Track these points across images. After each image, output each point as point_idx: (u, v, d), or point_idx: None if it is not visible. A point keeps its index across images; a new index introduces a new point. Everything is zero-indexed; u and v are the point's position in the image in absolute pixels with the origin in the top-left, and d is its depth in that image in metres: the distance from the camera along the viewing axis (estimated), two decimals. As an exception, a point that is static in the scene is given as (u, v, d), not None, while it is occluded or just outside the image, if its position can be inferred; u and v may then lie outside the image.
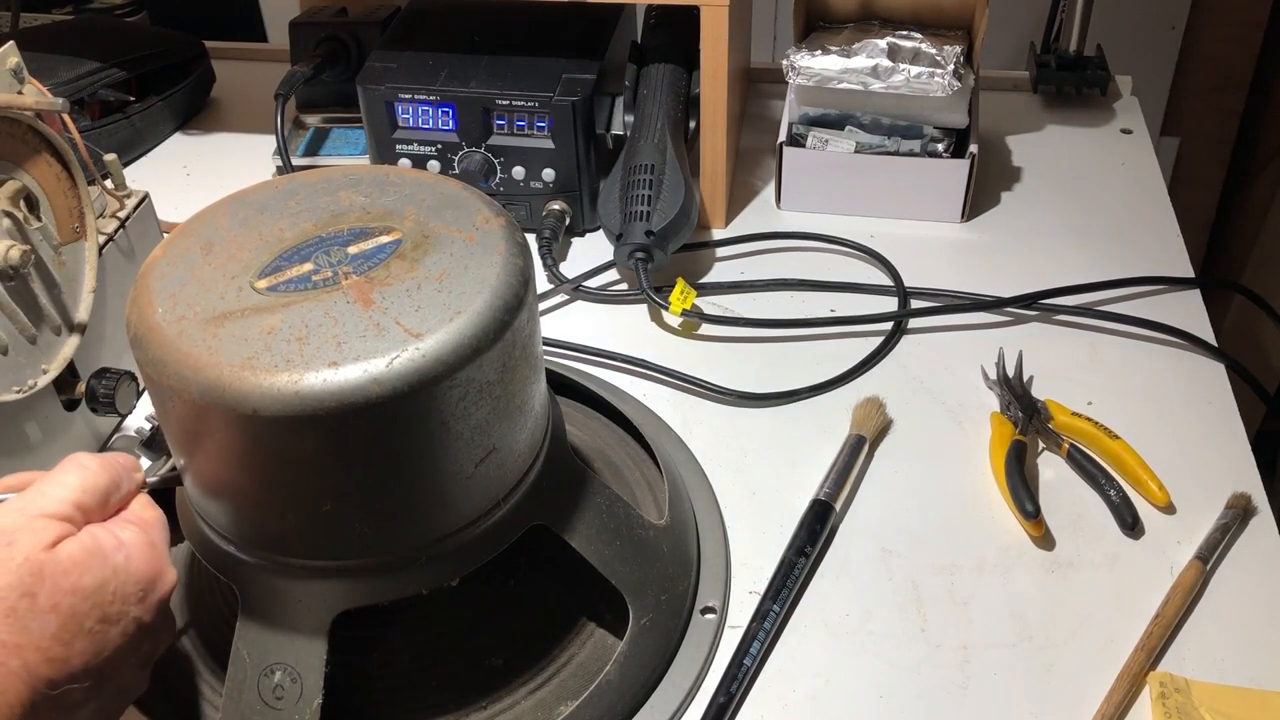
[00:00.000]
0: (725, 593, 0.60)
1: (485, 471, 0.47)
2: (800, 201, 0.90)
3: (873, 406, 0.70)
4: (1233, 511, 0.62)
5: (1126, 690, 0.54)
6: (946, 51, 0.85)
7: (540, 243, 0.84)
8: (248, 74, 1.12)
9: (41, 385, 0.62)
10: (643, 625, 0.54)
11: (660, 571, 0.56)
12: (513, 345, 0.46)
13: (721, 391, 0.73)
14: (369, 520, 0.46)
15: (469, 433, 0.46)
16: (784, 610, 0.59)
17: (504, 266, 0.47)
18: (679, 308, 0.77)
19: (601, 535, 0.54)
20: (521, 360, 0.47)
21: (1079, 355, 0.75)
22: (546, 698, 0.54)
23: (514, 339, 0.46)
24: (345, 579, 0.48)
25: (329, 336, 0.43)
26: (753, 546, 0.63)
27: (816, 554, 0.62)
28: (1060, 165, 0.95)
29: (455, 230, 0.49)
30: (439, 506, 0.47)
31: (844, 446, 0.67)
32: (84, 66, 0.96)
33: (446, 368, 0.43)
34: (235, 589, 0.50)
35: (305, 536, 0.47)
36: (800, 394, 0.73)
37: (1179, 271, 0.82)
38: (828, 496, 0.64)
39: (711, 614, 0.58)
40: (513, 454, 0.49)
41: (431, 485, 0.46)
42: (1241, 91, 1.53)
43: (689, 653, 0.57)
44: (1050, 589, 0.60)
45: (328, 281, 0.46)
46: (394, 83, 0.85)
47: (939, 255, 0.84)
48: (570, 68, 0.85)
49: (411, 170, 0.53)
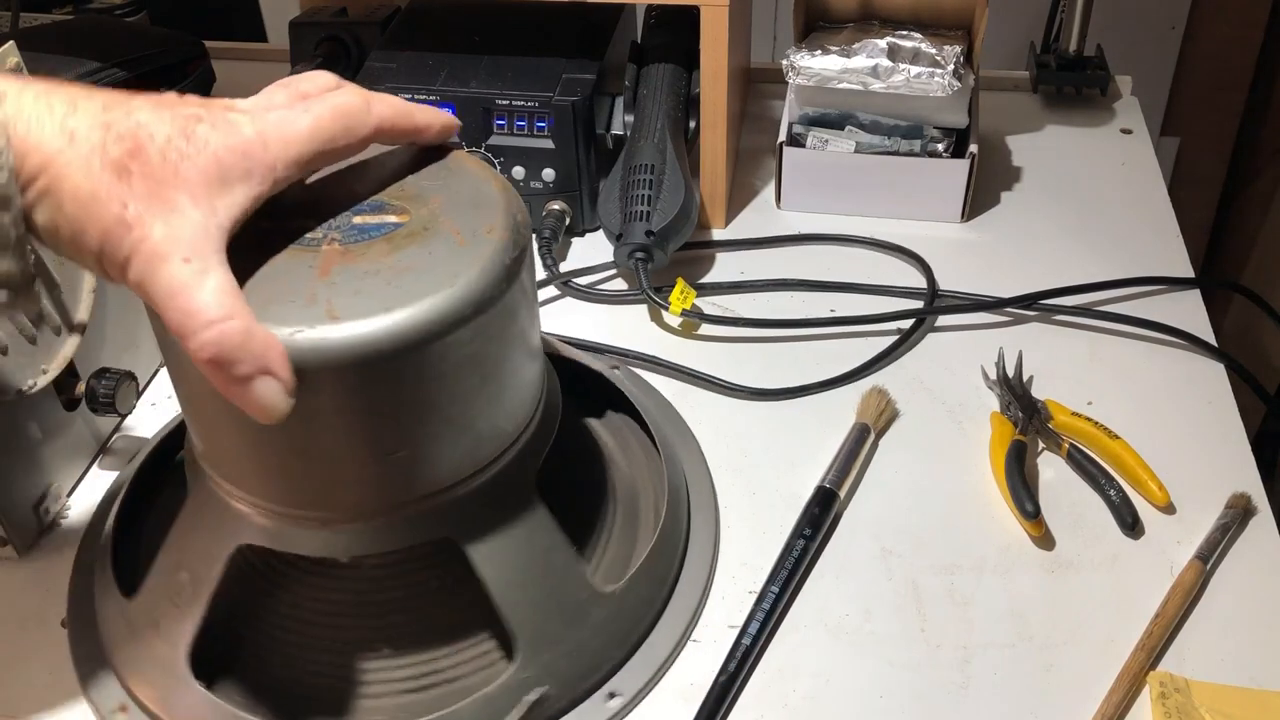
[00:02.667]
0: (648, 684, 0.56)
1: (392, 469, 0.48)
2: (800, 201, 0.90)
3: (879, 397, 0.70)
4: (1233, 511, 0.62)
5: (1126, 690, 0.54)
6: (946, 51, 0.85)
7: (540, 243, 0.84)
8: (248, 74, 1.11)
9: (41, 385, 0.62)
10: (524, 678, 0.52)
11: (575, 641, 0.54)
12: (435, 359, 0.45)
13: (727, 386, 0.73)
14: (278, 476, 0.49)
15: (367, 428, 0.46)
16: (783, 592, 0.59)
17: (471, 277, 0.46)
18: (679, 308, 0.77)
19: (519, 579, 0.53)
20: (446, 379, 0.46)
21: (1079, 355, 0.75)
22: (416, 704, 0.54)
23: (441, 353, 0.45)
24: (259, 517, 0.50)
25: (265, 293, 0.44)
26: (752, 546, 0.63)
27: (819, 541, 0.62)
28: (1060, 165, 0.95)
29: (455, 230, 0.48)
30: (340, 486, 0.49)
31: (849, 434, 0.67)
32: (84, 66, 0.96)
33: (329, 363, 0.43)
34: (188, 488, 0.54)
35: (233, 469, 0.50)
36: (810, 389, 0.73)
37: (1179, 271, 0.82)
38: (832, 484, 0.64)
39: (617, 698, 0.55)
40: (433, 464, 0.49)
41: (344, 464, 0.48)
42: (1241, 91, 1.53)
43: None
44: (1050, 589, 0.60)
45: (314, 242, 0.47)
46: (394, 83, 0.85)
47: (939, 255, 0.84)
48: (570, 68, 0.85)
49: (485, 169, 0.52)
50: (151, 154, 0.40)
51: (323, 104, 0.46)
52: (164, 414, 0.73)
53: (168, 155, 0.40)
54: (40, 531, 0.65)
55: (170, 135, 0.41)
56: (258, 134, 0.43)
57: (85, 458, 0.69)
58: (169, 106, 0.42)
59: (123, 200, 0.39)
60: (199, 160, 0.41)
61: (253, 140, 0.43)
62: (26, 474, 0.63)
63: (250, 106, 0.46)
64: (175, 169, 0.40)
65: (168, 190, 0.40)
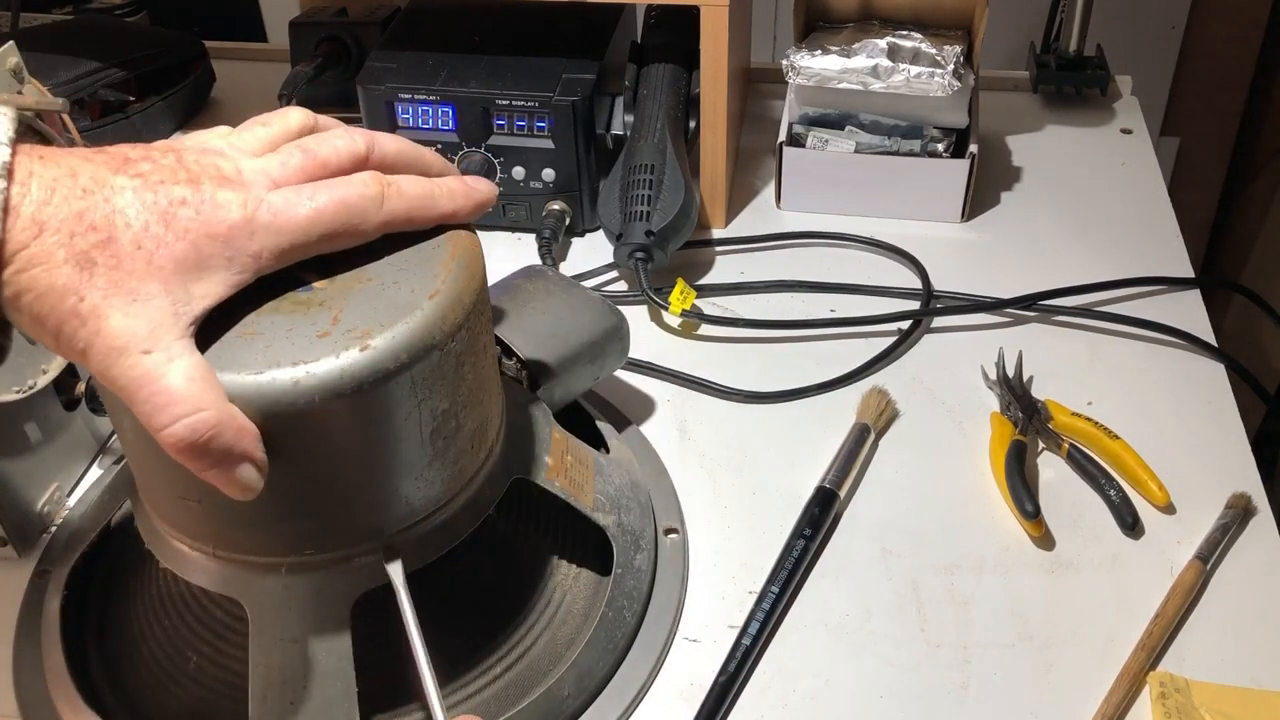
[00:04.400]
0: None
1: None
2: (800, 201, 0.90)
3: (879, 397, 0.70)
4: (1233, 511, 0.62)
5: (1126, 690, 0.54)
6: (946, 51, 0.85)
7: (540, 243, 0.84)
8: (248, 74, 1.12)
9: (41, 385, 0.62)
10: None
11: None
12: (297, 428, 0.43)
13: (725, 391, 0.73)
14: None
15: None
16: (783, 592, 0.59)
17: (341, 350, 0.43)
18: (679, 308, 0.77)
19: None
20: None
21: (1079, 355, 0.75)
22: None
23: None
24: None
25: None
26: (752, 546, 0.63)
27: (819, 541, 0.62)
28: (1060, 165, 0.95)
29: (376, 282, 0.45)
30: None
31: (849, 434, 0.67)
32: (84, 66, 0.96)
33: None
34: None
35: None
36: (810, 390, 0.73)
37: (1179, 271, 0.82)
38: (832, 484, 0.64)
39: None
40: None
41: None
42: (1241, 91, 1.53)
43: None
44: (1050, 589, 0.60)
45: None
46: (394, 83, 0.85)
47: (939, 255, 0.84)
48: (570, 68, 0.85)
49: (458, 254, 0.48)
50: (124, 243, 0.39)
51: (331, 192, 0.43)
52: (164, 414, 0.73)
53: (142, 243, 0.39)
54: (40, 531, 0.65)
55: (148, 222, 0.39)
56: (246, 220, 0.41)
57: (85, 458, 0.69)
58: (155, 187, 0.40)
59: (79, 293, 0.38)
60: (176, 247, 0.40)
61: (238, 226, 0.41)
62: (26, 474, 0.63)
63: (252, 176, 0.43)
64: (149, 257, 0.39)
65: (135, 280, 0.39)
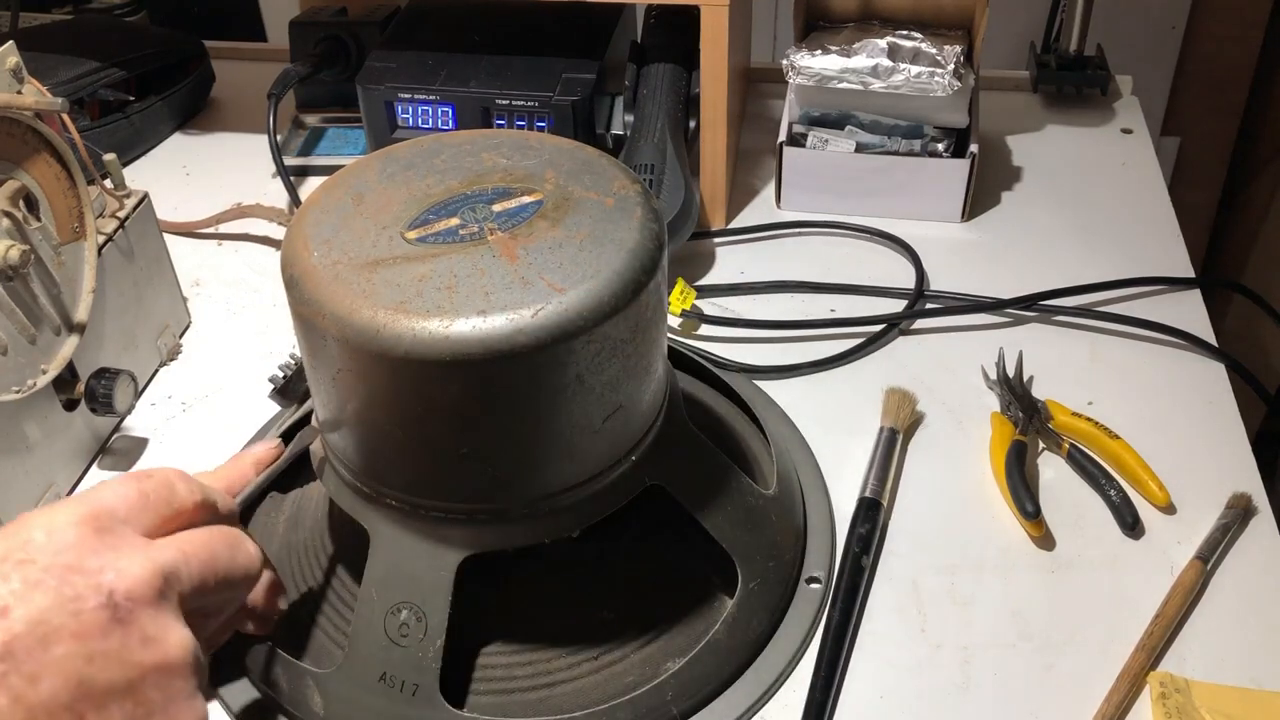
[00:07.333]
0: (830, 564, 0.61)
1: (611, 427, 0.50)
2: (800, 201, 0.90)
3: (902, 398, 0.69)
4: (1233, 511, 0.62)
5: (1127, 690, 0.54)
6: (946, 51, 0.85)
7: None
8: (248, 74, 1.12)
9: (41, 385, 0.62)
10: (750, 589, 0.56)
11: (768, 539, 0.58)
12: (645, 307, 0.48)
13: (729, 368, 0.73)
14: (501, 467, 0.49)
15: (600, 387, 0.47)
16: (850, 623, 0.58)
17: (641, 231, 0.48)
18: (679, 308, 0.77)
19: (713, 499, 0.56)
20: (651, 322, 0.49)
21: (1079, 355, 0.75)
22: (654, 653, 0.55)
23: (647, 300, 0.48)
24: (474, 524, 0.50)
25: (477, 287, 0.45)
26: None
27: (874, 555, 0.62)
28: (1060, 165, 0.95)
29: (594, 194, 0.50)
30: (566, 458, 0.49)
31: (878, 440, 0.67)
32: (84, 66, 0.96)
33: (586, 322, 0.45)
34: (367, 529, 0.52)
35: (440, 481, 0.50)
36: (802, 369, 0.74)
37: (1179, 271, 0.82)
38: (874, 493, 0.64)
39: (817, 584, 0.60)
40: (637, 413, 0.51)
41: (562, 437, 0.48)
42: (1241, 91, 1.53)
43: (795, 619, 0.58)
44: (1050, 589, 0.60)
45: (474, 236, 0.48)
46: (394, 82, 0.85)
47: (939, 255, 0.84)
48: (570, 68, 0.85)
49: (550, 136, 0.55)
50: None
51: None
52: (164, 414, 0.73)
53: None
54: (40, 531, 0.64)
55: None
56: (4, 645, 0.37)
57: (85, 458, 0.69)
58: None
59: None
60: None
61: None
62: (26, 474, 0.63)
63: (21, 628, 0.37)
64: None
65: None
